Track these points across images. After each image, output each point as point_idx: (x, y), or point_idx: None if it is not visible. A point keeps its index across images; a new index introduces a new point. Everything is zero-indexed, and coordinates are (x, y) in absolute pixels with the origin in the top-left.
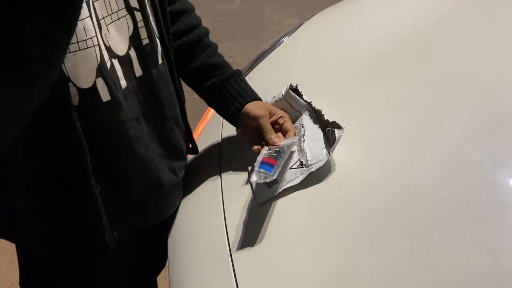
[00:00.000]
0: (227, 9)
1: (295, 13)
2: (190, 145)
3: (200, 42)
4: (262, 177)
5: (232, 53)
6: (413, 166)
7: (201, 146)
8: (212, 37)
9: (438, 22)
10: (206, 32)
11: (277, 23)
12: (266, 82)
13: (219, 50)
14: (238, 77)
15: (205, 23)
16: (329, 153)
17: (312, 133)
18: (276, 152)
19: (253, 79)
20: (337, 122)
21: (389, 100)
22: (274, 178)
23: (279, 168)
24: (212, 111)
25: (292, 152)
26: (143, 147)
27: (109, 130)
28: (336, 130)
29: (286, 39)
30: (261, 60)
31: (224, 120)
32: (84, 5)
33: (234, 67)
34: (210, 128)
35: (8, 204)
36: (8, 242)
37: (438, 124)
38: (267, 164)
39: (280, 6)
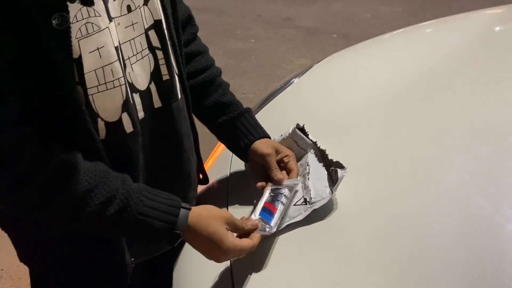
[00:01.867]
0: (241, 47)
1: (307, 54)
2: (201, 176)
3: (213, 82)
4: (261, 229)
5: (244, 89)
6: (413, 206)
7: (211, 177)
8: (226, 74)
9: (444, 68)
10: (219, 72)
11: (290, 62)
12: (275, 120)
13: (233, 87)
14: (248, 115)
15: (219, 60)
16: (332, 192)
17: (317, 172)
18: (278, 195)
19: (263, 117)
20: (341, 162)
21: (392, 143)
22: (273, 231)
23: (279, 220)
24: (222, 145)
25: (296, 191)
26: (161, 176)
27: (130, 159)
28: (339, 169)
29: (296, 79)
30: (271, 99)
31: (233, 155)
32: (113, 50)
33: (246, 104)
34: (219, 161)
35: (41, 236)
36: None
37: (440, 167)
38: (268, 212)
39: (293, 46)
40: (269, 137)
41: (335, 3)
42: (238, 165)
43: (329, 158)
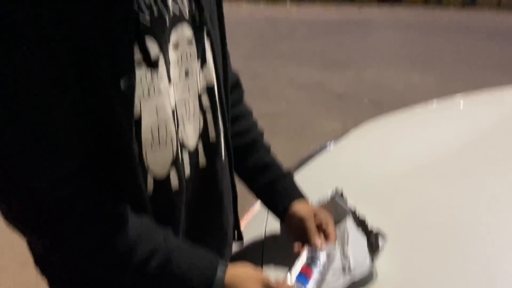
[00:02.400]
0: (273, 109)
1: (338, 117)
2: (236, 232)
3: (255, 143)
4: None
5: (275, 150)
6: (456, 278)
7: (246, 236)
8: (263, 130)
9: (479, 141)
10: (261, 134)
11: (320, 125)
12: (312, 184)
13: None
14: (288, 177)
15: None
16: (372, 261)
17: (356, 239)
18: (315, 260)
19: (300, 180)
20: (380, 230)
21: (430, 213)
22: None
23: (315, 286)
24: (258, 205)
25: (334, 258)
26: (200, 231)
27: (173, 214)
28: (379, 238)
29: (332, 145)
30: (308, 163)
31: (269, 214)
32: (170, 110)
33: None
34: (256, 220)
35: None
36: None
37: (481, 236)
38: (304, 277)
39: (324, 110)
40: (308, 201)
41: (366, 70)
42: (274, 225)
43: (369, 225)
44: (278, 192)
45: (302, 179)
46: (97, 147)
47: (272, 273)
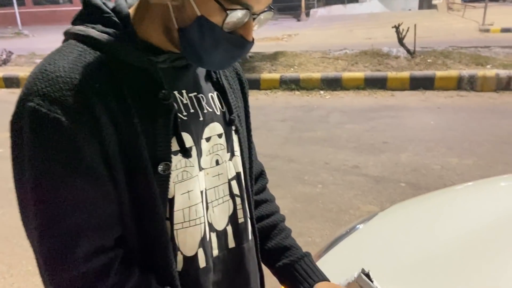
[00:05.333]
0: (309, 192)
1: (375, 201)
2: None
3: (277, 226)
4: None
5: (311, 233)
6: None
7: None
8: (293, 217)
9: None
10: (283, 218)
11: (357, 208)
12: (340, 265)
13: (299, 230)
14: (307, 259)
15: (288, 203)
16: None
17: None
18: None
19: (328, 261)
20: None
21: None
22: None
23: None
24: None
25: None
26: None
27: None
28: None
29: (361, 226)
30: (337, 244)
31: None
32: (199, 193)
33: (312, 248)
34: None
35: None
36: None
37: None
38: None
39: (360, 193)
40: (329, 281)
41: (402, 154)
42: None
43: None
44: (299, 273)
45: (331, 259)
46: (135, 223)
47: None
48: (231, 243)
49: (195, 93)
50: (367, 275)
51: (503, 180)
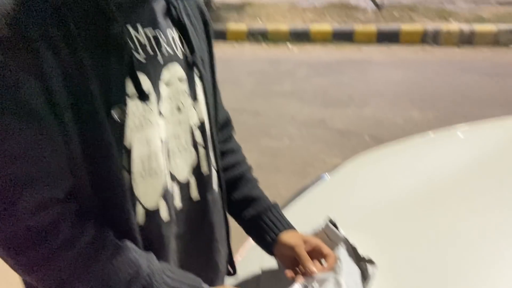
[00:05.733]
0: (275, 146)
1: (340, 154)
2: (230, 268)
3: (243, 177)
4: None
5: (277, 186)
6: None
7: (240, 270)
8: (259, 171)
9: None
10: (249, 169)
11: (322, 161)
12: (306, 216)
13: (266, 183)
14: (274, 209)
15: (254, 157)
16: None
17: (348, 267)
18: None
19: (294, 212)
20: (372, 258)
21: (425, 243)
22: None
23: None
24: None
25: (327, 285)
26: (190, 264)
27: (163, 245)
28: (369, 266)
29: (327, 176)
30: (302, 194)
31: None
32: (159, 142)
33: (279, 201)
34: (250, 254)
35: None
36: None
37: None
38: None
39: (326, 146)
40: (296, 230)
41: (366, 108)
42: (269, 258)
43: (360, 254)
44: (265, 224)
45: (298, 209)
46: (88, 174)
47: None
48: (195, 195)
49: (151, 28)
50: (334, 225)
51: (459, 130)
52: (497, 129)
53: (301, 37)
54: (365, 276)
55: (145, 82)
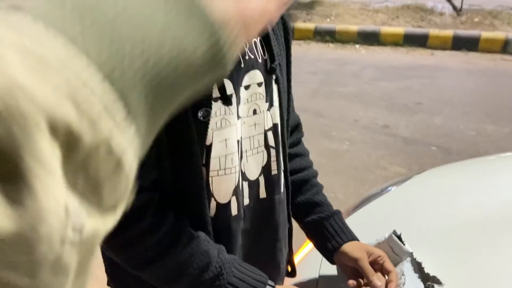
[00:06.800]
0: (335, 148)
1: (403, 163)
2: (289, 268)
3: (309, 181)
4: None
5: (334, 189)
6: None
7: (299, 272)
8: (317, 171)
9: None
10: (315, 174)
11: (383, 169)
12: (369, 226)
13: (323, 185)
14: (337, 216)
15: (313, 157)
16: None
17: (413, 284)
18: None
19: (357, 220)
20: (438, 277)
21: (491, 265)
22: None
23: None
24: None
25: None
26: (253, 261)
27: (230, 239)
28: (436, 285)
29: (394, 188)
30: (366, 204)
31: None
32: (236, 142)
33: (335, 203)
34: (310, 257)
35: None
36: None
37: None
38: None
39: (388, 153)
40: (358, 241)
41: (436, 116)
42: (329, 265)
43: (426, 271)
44: (327, 231)
45: (361, 219)
46: (172, 167)
47: None
48: (263, 194)
49: None
50: (399, 237)
51: None
52: None
53: (370, 38)
54: None
55: (229, 87)
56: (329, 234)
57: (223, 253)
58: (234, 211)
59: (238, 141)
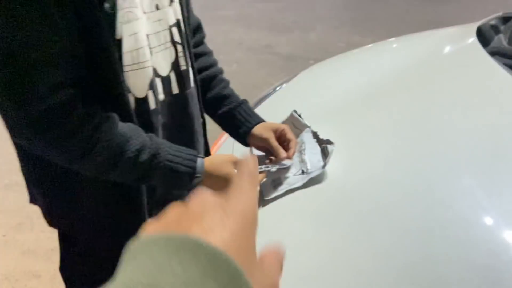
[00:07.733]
0: (225, 71)
1: (286, 77)
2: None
3: (216, 77)
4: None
5: None
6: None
7: None
8: (223, 68)
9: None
10: (221, 71)
11: (270, 84)
12: (272, 113)
13: None
14: (245, 105)
15: None
16: (325, 164)
17: (311, 148)
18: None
19: (261, 111)
20: (330, 140)
21: (374, 127)
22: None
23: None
24: (225, 135)
25: (293, 164)
26: None
27: (151, 132)
28: (329, 145)
29: (284, 85)
30: (262, 102)
31: (235, 141)
32: (145, 36)
33: None
34: (223, 147)
35: (71, 199)
36: None
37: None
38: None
39: (272, 70)
40: (265, 122)
41: (310, 33)
42: (240, 151)
43: (321, 137)
44: (238, 119)
45: (264, 110)
46: (88, 63)
47: None
48: (175, 89)
49: None
50: (299, 115)
51: (393, 43)
52: (427, 38)
53: None
54: (325, 154)
55: None
56: (240, 121)
57: (154, 137)
58: (152, 105)
59: (147, 36)
